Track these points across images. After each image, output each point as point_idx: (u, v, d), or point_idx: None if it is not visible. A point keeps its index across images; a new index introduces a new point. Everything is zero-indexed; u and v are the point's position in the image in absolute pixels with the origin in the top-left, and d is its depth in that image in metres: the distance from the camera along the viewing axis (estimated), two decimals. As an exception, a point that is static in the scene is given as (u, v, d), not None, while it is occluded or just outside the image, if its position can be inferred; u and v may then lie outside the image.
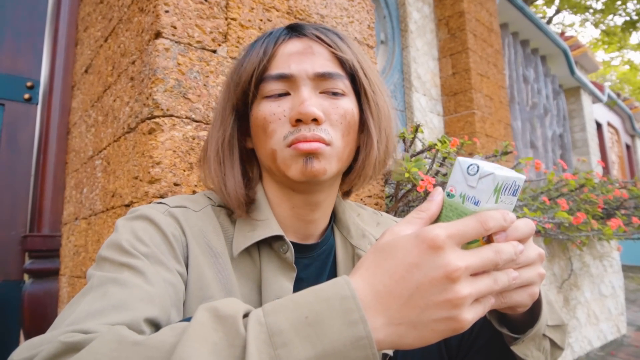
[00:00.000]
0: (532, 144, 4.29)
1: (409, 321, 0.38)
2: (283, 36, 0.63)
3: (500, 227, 0.41)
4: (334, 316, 0.36)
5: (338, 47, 0.63)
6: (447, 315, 0.37)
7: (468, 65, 3.11)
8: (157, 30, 0.93)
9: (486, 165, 0.43)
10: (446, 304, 0.37)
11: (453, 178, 0.44)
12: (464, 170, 0.43)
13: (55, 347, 0.37)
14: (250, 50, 0.65)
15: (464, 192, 0.43)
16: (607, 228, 2.19)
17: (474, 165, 0.42)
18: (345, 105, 0.62)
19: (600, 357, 2.83)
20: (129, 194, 0.97)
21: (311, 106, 0.58)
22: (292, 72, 0.60)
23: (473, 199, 0.43)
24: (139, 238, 0.53)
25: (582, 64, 6.12)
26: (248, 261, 0.62)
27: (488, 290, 0.40)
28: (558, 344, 0.60)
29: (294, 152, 0.58)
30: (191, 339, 0.35)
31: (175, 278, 0.53)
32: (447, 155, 1.26)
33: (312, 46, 0.62)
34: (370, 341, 0.36)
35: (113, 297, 0.45)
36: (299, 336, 0.36)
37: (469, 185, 0.43)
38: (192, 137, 0.94)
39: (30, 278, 1.48)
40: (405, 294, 0.38)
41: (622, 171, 7.74)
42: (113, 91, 1.16)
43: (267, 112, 0.60)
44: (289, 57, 0.61)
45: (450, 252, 0.38)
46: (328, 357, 0.35)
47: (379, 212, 0.82)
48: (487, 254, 0.40)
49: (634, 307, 4.75)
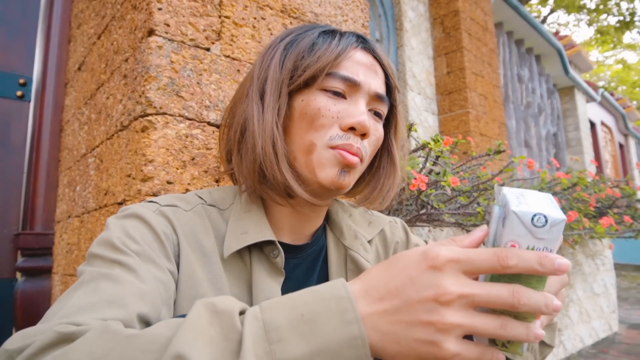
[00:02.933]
0: (527, 143, 4.31)
1: (393, 333, 0.37)
2: (355, 43, 0.65)
3: (530, 270, 0.36)
4: (329, 315, 0.37)
5: (393, 76, 0.68)
6: (430, 339, 0.36)
7: (463, 64, 3.12)
8: (150, 27, 0.92)
9: (544, 209, 0.37)
10: (430, 326, 0.36)
11: (512, 232, 0.38)
12: (526, 223, 0.37)
13: (49, 337, 0.37)
14: (318, 39, 0.64)
15: (532, 245, 0.38)
16: (598, 226, 2.21)
17: (539, 216, 0.37)
18: (381, 130, 0.67)
19: (592, 354, 2.86)
20: (122, 192, 0.97)
21: (368, 122, 0.60)
22: (361, 81, 0.62)
23: (545, 249, 0.38)
24: (130, 236, 0.53)
25: (576, 63, 6.15)
26: (239, 262, 0.62)
27: (486, 331, 0.36)
28: (547, 342, 0.61)
29: (337, 158, 0.60)
30: (187, 331, 0.35)
31: (166, 276, 0.53)
32: (440, 154, 1.27)
33: (376, 65, 0.65)
34: (364, 341, 0.36)
35: (104, 292, 0.45)
36: (295, 333, 0.36)
37: (538, 238, 0.37)
38: (185, 135, 0.93)
39: (22, 276, 1.48)
40: (394, 306, 0.38)
41: (615, 170, 7.80)
42: (106, 89, 1.16)
43: (323, 105, 0.61)
44: (358, 65, 0.63)
45: (449, 275, 0.37)
46: (322, 354, 0.36)
47: (369, 211, 0.82)
48: (499, 291, 0.36)
49: (626, 305, 4.79)
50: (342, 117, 0.61)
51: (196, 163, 0.94)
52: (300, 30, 0.67)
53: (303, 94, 0.62)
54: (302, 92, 0.62)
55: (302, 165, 0.62)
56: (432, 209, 1.43)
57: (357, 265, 0.68)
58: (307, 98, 0.62)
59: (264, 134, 0.60)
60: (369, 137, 0.63)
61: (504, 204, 0.40)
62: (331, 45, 0.62)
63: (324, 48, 0.62)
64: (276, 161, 0.60)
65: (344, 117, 0.61)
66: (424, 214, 1.47)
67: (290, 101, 0.63)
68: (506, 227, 0.38)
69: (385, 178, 0.71)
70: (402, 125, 0.73)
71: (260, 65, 0.66)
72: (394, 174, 0.71)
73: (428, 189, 1.33)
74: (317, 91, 0.62)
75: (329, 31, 0.66)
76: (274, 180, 0.60)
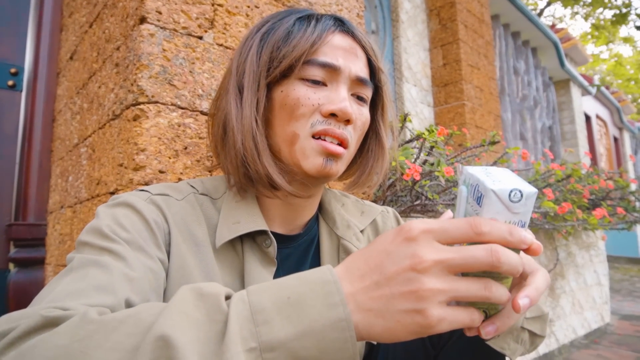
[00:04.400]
0: (522, 136, 4.32)
1: (377, 309, 0.37)
2: (333, 27, 0.63)
3: (501, 238, 0.37)
4: (315, 298, 0.37)
5: (376, 57, 0.66)
6: (413, 308, 0.36)
7: (459, 56, 3.11)
8: (141, 15, 0.91)
9: (518, 182, 0.39)
10: (411, 295, 0.36)
11: (491, 209, 0.39)
12: (504, 200, 0.38)
13: (35, 321, 0.37)
14: (293, 27, 0.62)
15: (509, 220, 0.39)
16: (592, 217, 2.23)
17: (516, 191, 0.38)
18: (366, 114, 0.65)
19: (584, 345, 2.89)
20: (114, 181, 0.96)
21: (349, 108, 0.60)
22: (340, 65, 0.61)
23: (519, 222, 0.39)
24: (120, 224, 0.53)
25: (572, 57, 6.15)
26: (231, 251, 0.61)
27: (470, 293, 0.37)
28: (538, 333, 0.61)
29: (318, 148, 0.59)
30: (172, 314, 0.35)
31: (156, 265, 0.53)
32: (434, 145, 1.27)
33: (356, 48, 0.64)
34: (349, 324, 0.36)
35: (93, 278, 0.45)
36: (281, 315, 0.36)
37: (514, 212, 0.39)
38: (177, 124, 0.93)
39: (15, 267, 1.47)
40: (374, 281, 0.38)
41: (610, 163, 7.84)
42: (98, 78, 1.15)
43: (303, 95, 0.60)
44: (336, 49, 0.61)
45: (423, 244, 0.37)
46: (307, 336, 0.36)
47: (361, 201, 0.82)
48: (474, 252, 0.37)
49: (618, 297, 4.84)
50: (323, 104, 0.60)
51: (189, 152, 0.94)
52: (276, 18, 0.66)
53: (282, 85, 0.61)
54: (280, 83, 0.62)
55: (287, 156, 0.62)
56: (427, 200, 1.43)
57: (349, 254, 0.68)
58: (286, 89, 0.61)
59: (243, 129, 0.60)
60: (353, 122, 0.62)
61: (474, 183, 0.41)
62: (306, 32, 0.61)
63: (299, 36, 0.61)
64: (257, 155, 0.60)
65: (324, 104, 0.60)
66: (418, 205, 1.47)
67: (270, 93, 0.62)
68: (484, 206, 0.39)
69: (374, 160, 0.71)
70: (390, 106, 0.72)
71: (238, 58, 0.65)
72: (382, 156, 0.71)
73: (422, 179, 1.33)
74: (296, 81, 0.61)
75: (305, 17, 0.64)
76: (257, 175, 0.61)
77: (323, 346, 0.36)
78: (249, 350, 0.34)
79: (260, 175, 0.60)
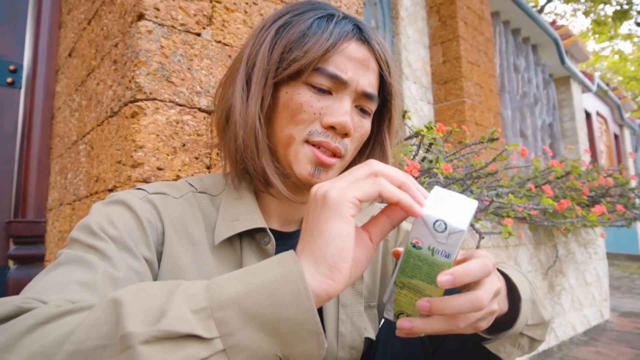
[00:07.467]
0: (522, 133, 4.32)
1: (315, 249, 0.41)
2: (350, 34, 0.61)
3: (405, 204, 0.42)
4: (268, 264, 0.40)
5: (389, 71, 0.65)
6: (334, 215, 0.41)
7: (459, 53, 3.10)
8: (139, 12, 0.91)
9: (449, 217, 0.41)
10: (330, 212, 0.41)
11: (417, 230, 0.42)
12: (429, 226, 0.41)
13: (9, 309, 0.38)
14: (310, 29, 0.60)
15: (433, 246, 0.42)
16: (591, 214, 2.23)
17: (440, 222, 0.41)
18: (367, 126, 0.65)
19: (583, 341, 2.89)
20: (112, 178, 0.96)
21: (349, 123, 0.59)
22: (348, 79, 0.59)
23: (443, 252, 0.41)
24: (110, 222, 0.53)
25: (572, 54, 6.14)
26: (229, 249, 0.61)
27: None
28: (537, 339, 0.61)
29: (310, 155, 0.59)
30: (131, 286, 0.38)
31: (141, 266, 0.53)
32: (433, 142, 1.27)
33: (369, 60, 0.62)
34: (301, 275, 0.38)
35: (77, 275, 0.46)
36: (234, 280, 0.39)
37: (438, 241, 0.41)
38: (175, 121, 0.93)
39: (15, 264, 1.47)
40: (307, 230, 0.43)
41: (610, 160, 7.83)
42: (96, 75, 1.15)
43: (306, 101, 0.59)
44: (348, 60, 0.60)
45: (327, 184, 0.44)
46: (258, 291, 0.37)
47: None
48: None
49: (618, 294, 4.85)
50: (324, 115, 0.59)
51: (187, 149, 0.94)
52: (296, 12, 0.64)
53: (288, 86, 0.61)
54: (287, 83, 0.61)
55: (282, 158, 0.62)
56: (426, 197, 1.42)
57: None
58: (292, 91, 0.60)
59: (246, 126, 0.60)
60: (351, 135, 0.61)
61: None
62: (322, 37, 0.59)
63: (314, 41, 0.59)
64: (257, 154, 0.60)
65: (325, 114, 0.59)
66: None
67: (276, 91, 0.62)
68: (414, 224, 0.43)
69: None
70: (397, 119, 0.71)
71: (251, 47, 0.64)
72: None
73: (421, 176, 1.33)
74: (302, 85, 0.60)
75: (325, 16, 0.62)
76: (254, 172, 0.61)
77: (275, 301, 0.37)
78: (199, 310, 0.36)
79: (257, 172, 0.61)
